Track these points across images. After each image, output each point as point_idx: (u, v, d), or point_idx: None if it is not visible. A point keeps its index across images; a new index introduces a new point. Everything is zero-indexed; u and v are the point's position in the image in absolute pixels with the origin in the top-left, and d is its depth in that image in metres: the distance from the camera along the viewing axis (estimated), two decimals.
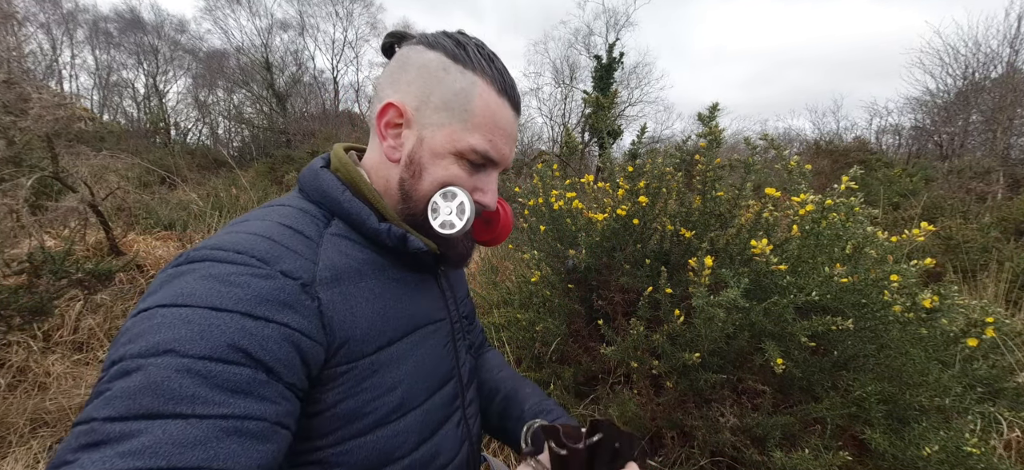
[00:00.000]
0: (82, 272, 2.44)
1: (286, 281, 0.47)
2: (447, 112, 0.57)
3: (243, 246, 0.47)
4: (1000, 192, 6.59)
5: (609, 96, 13.56)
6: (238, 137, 19.70)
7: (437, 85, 0.57)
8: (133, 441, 0.35)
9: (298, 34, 19.81)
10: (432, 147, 0.58)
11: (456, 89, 0.57)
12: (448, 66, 0.57)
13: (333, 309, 0.50)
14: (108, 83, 18.20)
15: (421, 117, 0.58)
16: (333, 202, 0.58)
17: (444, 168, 0.58)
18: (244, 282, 0.44)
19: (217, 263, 0.45)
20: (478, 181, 0.61)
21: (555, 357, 2.06)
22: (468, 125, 0.57)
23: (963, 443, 1.12)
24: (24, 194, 2.80)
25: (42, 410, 2.00)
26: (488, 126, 0.58)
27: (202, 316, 0.41)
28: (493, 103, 0.58)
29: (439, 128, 0.58)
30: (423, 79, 0.58)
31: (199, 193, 5.69)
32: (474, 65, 0.58)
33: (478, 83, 0.57)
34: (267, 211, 0.57)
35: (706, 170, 1.66)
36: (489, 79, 0.58)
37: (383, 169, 0.61)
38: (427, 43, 0.59)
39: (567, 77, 19.06)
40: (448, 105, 0.57)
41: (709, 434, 1.50)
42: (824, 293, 1.30)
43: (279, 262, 0.48)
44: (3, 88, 2.93)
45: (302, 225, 0.55)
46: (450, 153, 0.58)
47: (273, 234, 0.51)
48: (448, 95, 0.57)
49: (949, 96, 11.86)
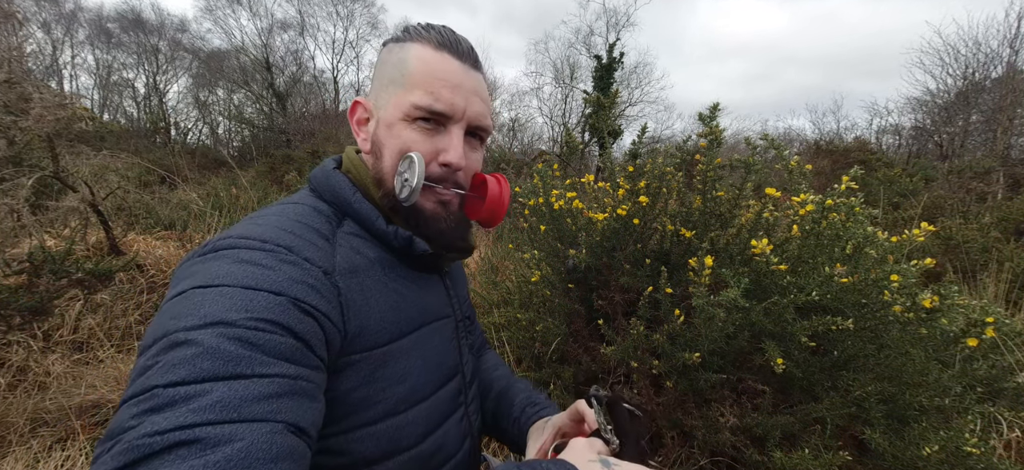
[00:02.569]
0: (82, 272, 2.44)
1: (311, 267, 0.49)
2: (391, 86, 0.60)
3: (268, 235, 0.50)
4: (1000, 192, 6.58)
5: (609, 96, 13.56)
6: (238, 137, 19.71)
7: (383, 68, 0.62)
8: (202, 399, 0.36)
9: (298, 34, 19.84)
10: (386, 122, 0.61)
11: (395, 61, 0.60)
12: (392, 48, 0.62)
13: (350, 298, 0.53)
14: (108, 83, 18.21)
15: (377, 103, 0.62)
16: (344, 203, 0.61)
17: (396, 136, 0.60)
18: (273, 265, 0.47)
19: (246, 249, 0.48)
20: (438, 142, 0.60)
21: (555, 357, 2.05)
22: (407, 86, 0.59)
23: (963, 443, 1.12)
24: (25, 194, 2.80)
25: (42, 410, 2.00)
26: (426, 80, 0.58)
27: (240, 294, 0.43)
28: (429, 57, 0.59)
29: (387, 104, 0.61)
30: (377, 71, 0.64)
31: (199, 193, 5.68)
32: (412, 35, 0.61)
33: (412, 47, 0.60)
34: (283, 208, 0.58)
35: (706, 170, 1.66)
36: (424, 40, 0.60)
37: (367, 165, 0.65)
38: (384, 44, 0.64)
39: (567, 77, 19.06)
40: (391, 79, 0.60)
41: (709, 434, 1.50)
42: (824, 293, 1.30)
43: (302, 250, 0.50)
44: (4, 88, 2.93)
45: (317, 223, 0.57)
46: (398, 120, 0.60)
47: (293, 229, 0.53)
48: (390, 70, 0.61)
49: (949, 96, 11.86)
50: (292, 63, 19.57)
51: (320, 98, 20.17)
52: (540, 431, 0.73)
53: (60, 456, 1.80)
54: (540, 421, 0.75)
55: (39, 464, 1.77)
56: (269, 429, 0.38)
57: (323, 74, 21.02)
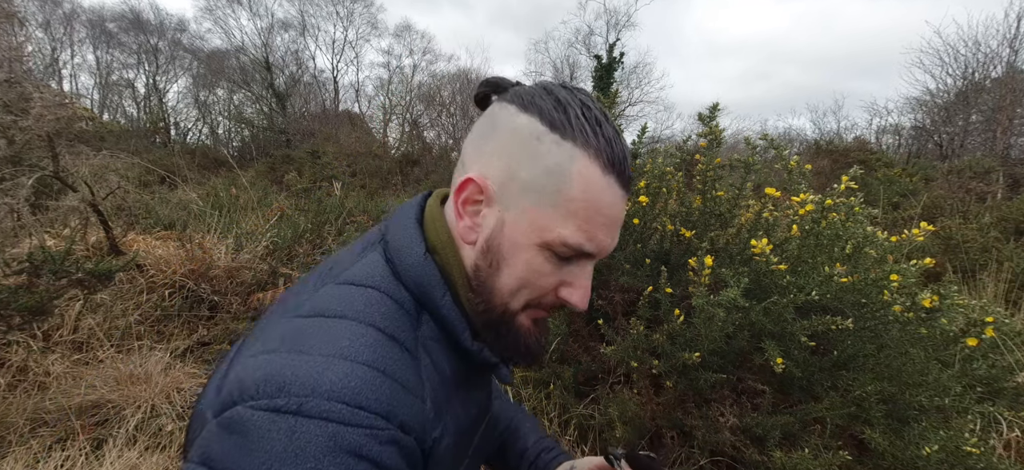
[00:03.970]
0: (82, 272, 2.44)
1: (406, 439, 0.43)
2: (536, 193, 0.47)
3: (361, 393, 0.40)
4: (1000, 192, 6.59)
5: (609, 96, 13.54)
6: (238, 137, 19.71)
7: (527, 158, 0.47)
8: None
9: (299, 34, 19.84)
10: (513, 236, 0.48)
11: (549, 165, 0.46)
12: (542, 135, 0.46)
13: (435, 449, 0.47)
14: (108, 83, 18.22)
15: (505, 195, 0.48)
16: (430, 303, 0.50)
17: (525, 262, 0.48)
18: (374, 453, 0.40)
19: (342, 428, 0.39)
20: (566, 275, 0.50)
21: (555, 357, 2.06)
22: (560, 211, 0.47)
23: (963, 443, 1.12)
24: (25, 193, 2.80)
25: (42, 410, 2.00)
26: (585, 212, 0.47)
27: None
28: (595, 183, 0.46)
29: (524, 212, 0.48)
30: (511, 149, 0.48)
31: (199, 193, 5.69)
32: (574, 133, 0.46)
33: (577, 157, 0.46)
34: (357, 301, 0.47)
35: (706, 170, 1.66)
36: (593, 151, 0.46)
37: (459, 248, 0.53)
38: (521, 103, 0.48)
39: (567, 77, 19.06)
40: (537, 185, 0.47)
41: (709, 434, 1.50)
42: (824, 293, 1.30)
43: (398, 412, 0.42)
44: (4, 88, 2.93)
45: (398, 329, 0.47)
46: (535, 244, 0.48)
47: (382, 360, 0.44)
48: (538, 172, 0.46)
49: (949, 96, 11.88)
50: (292, 63, 19.60)
51: (320, 98, 20.19)
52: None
53: (60, 456, 1.80)
54: (564, 466, 0.75)
55: (39, 464, 1.77)
56: None
57: (323, 74, 21.04)
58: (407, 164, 13.45)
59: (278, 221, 4.29)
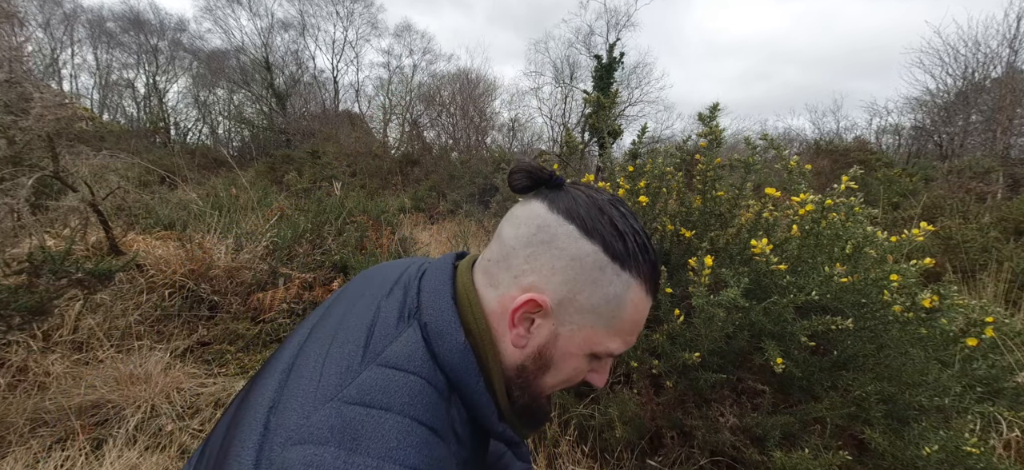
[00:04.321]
0: (82, 272, 2.44)
1: None
2: (593, 315, 0.52)
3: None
4: (1000, 192, 6.59)
5: (609, 96, 13.56)
6: (238, 137, 19.73)
7: (590, 286, 0.51)
8: None
9: (299, 34, 19.85)
10: (567, 348, 0.53)
11: (609, 295, 0.51)
12: (605, 266, 0.51)
13: None
14: (108, 83, 18.22)
15: (562, 313, 0.52)
16: (463, 387, 0.52)
17: (573, 367, 0.55)
18: None
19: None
20: (595, 364, 0.57)
21: None
22: (612, 330, 0.53)
23: (963, 443, 1.12)
24: (25, 194, 2.80)
25: (42, 410, 2.00)
26: (630, 329, 0.54)
27: None
28: (641, 306, 0.53)
29: (580, 329, 0.53)
30: (573, 274, 0.51)
31: (199, 193, 5.69)
32: (631, 263, 0.51)
33: (632, 287, 0.52)
34: (402, 391, 0.48)
35: (706, 170, 1.66)
36: (643, 279, 0.53)
37: (499, 339, 0.55)
38: (583, 227, 0.51)
39: (567, 77, 19.07)
40: (596, 310, 0.52)
41: (709, 434, 1.50)
42: (824, 293, 1.30)
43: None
44: (4, 88, 2.93)
45: (437, 419, 0.50)
46: (585, 354, 0.54)
47: (426, 462, 0.46)
48: (598, 300, 0.51)
49: (949, 96, 11.88)
50: (292, 63, 19.60)
51: (320, 98, 20.18)
52: None
53: (60, 456, 1.80)
54: None
55: (39, 464, 1.77)
56: None
57: (323, 74, 21.06)
58: (407, 164, 13.45)
59: (278, 221, 4.29)
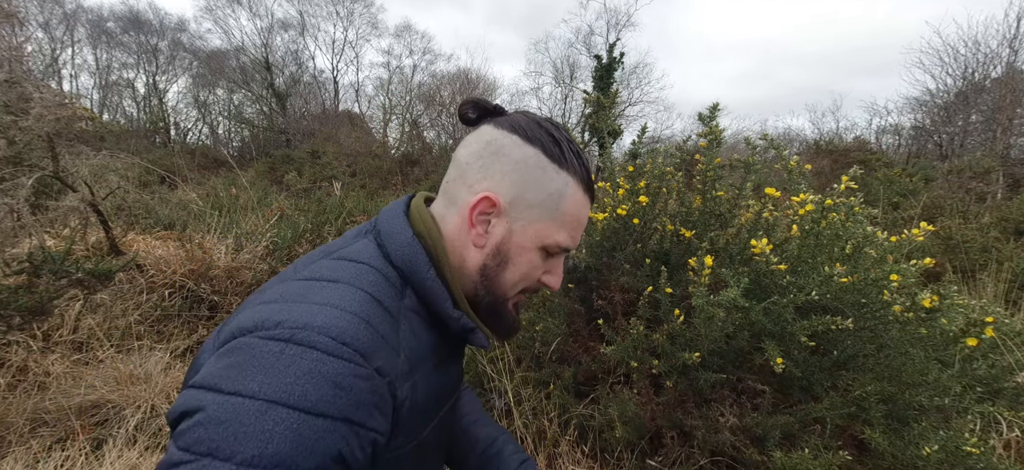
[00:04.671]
0: (82, 272, 2.44)
1: (380, 381, 0.48)
2: (540, 209, 0.60)
3: (346, 333, 0.46)
4: (1000, 192, 6.59)
5: (609, 96, 13.56)
6: (238, 137, 19.72)
7: (534, 184, 0.59)
8: None
9: (298, 34, 19.84)
10: (520, 241, 0.61)
11: (551, 190, 0.59)
12: (545, 166, 0.59)
13: (403, 404, 0.51)
14: (108, 83, 18.22)
15: (513, 210, 0.60)
16: (416, 277, 0.58)
17: (528, 261, 0.62)
18: (350, 384, 0.45)
19: (325, 357, 0.44)
20: (549, 265, 0.65)
21: (555, 357, 2.06)
22: (556, 222, 0.60)
23: (962, 443, 1.12)
24: (25, 194, 2.80)
25: (42, 410, 2.00)
26: (573, 223, 0.62)
27: (311, 427, 0.41)
28: (581, 202, 0.61)
29: (530, 224, 0.60)
30: (520, 175, 0.59)
31: (199, 193, 5.69)
32: (568, 165, 0.60)
33: (570, 183, 0.60)
34: (350, 271, 0.54)
35: (706, 170, 1.66)
36: (579, 178, 0.61)
37: (464, 249, 0.61)
38: (525, 136, 0.59)
39: (567, 77, 19.08)
40: (541, 203, 0.60)
41: (709, 434, 1.50)
42: (824, 293, 1.30)
43: (376, 357, 0.48)
44: (4, 88, 2.93)
45: (385, 296, 0.54)
46: (536, 247, 0.61)
47: (367, 313, 0.50)
48: (543, 195, 0.59)
49: (949, 96, 11.87)
50: (292, 63, 19.59)
51: (320, 98, 20.17)
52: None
53: (60, 456, 1.80)
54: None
55: (39, 464, 1.77)
56: None
57: (323, 74, 21.05)
58: (407, 164, 13.44)
59: (278, 221, 4.29)
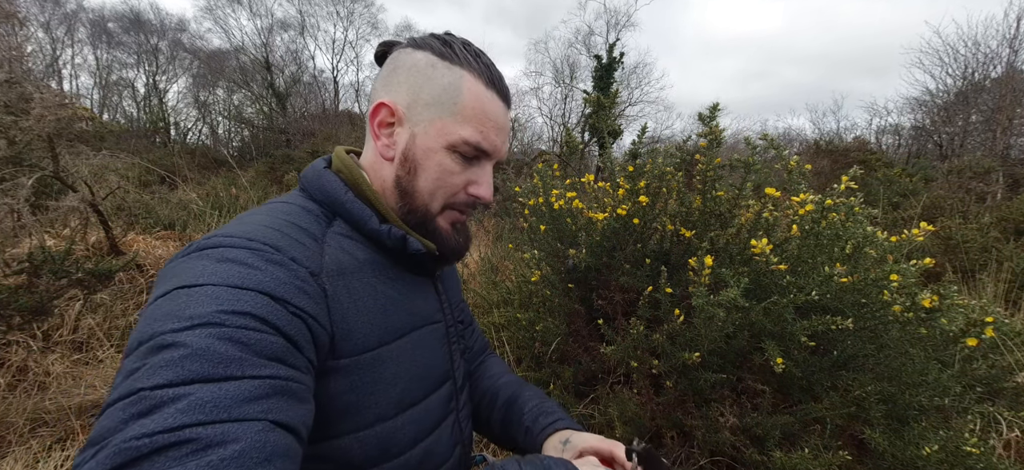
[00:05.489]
0: (82, 272, 2.44)
1: (297, 267, 0.49)
2: (437, 107, 0.58)
3: (254, 234, 0.49)
4: (1000, 192, 6.58)
5: (609, 96, 13.56)
6: (238, 137, 19.70)
7: (426, 82, 0.59)
8: (191, 398, 0.36)
9: (298, 34, 19.83)
10: (425, 143, 0.59)
11: (444, 84, 0.58)
12: (435, 63, 0.59)
13: (338, 300, 0.52)
14: (108, 83, 18.21)
15: (412, 114, 0.59)
16: (335, 202, 0.59)
17: (437, 164, 0.60)
18: (260, 265, 0.46)
19: (231, 248, 0.47)
20: (472, 174, 0.62)
21: (555, 357, 2.05)
22: (458, 117, 0.58)
23: (962, 443, 1.12)
24: (25, 194, 2.80)
25: (41, 410, 2.00)
26: (478, 117, 0.59)
27: (227, 293, 0.42)
28: (482, 94, 0.59)
29: (430, 123, 0.59)
30: (412, 78, 0.59)
31: (199, 193, 5.69)
32: (460, 60, 0.59)
33: (465, 76, 0.59)
34: (271, 208, 0.57)
35: (706, 170, 1.66)
36: (476, 72, 0.59)
37: (379, 168, 0.62)
38: (415, 44, 0.61)
39: (567, 77, 19.06)
40: (437, 100, 0.58)
41: (709, 434, 1.50)
42: (824, 293, 1.30)
43: (289, 250, 0.49)
44: (4, 88, 2.93)
45: (306, 223, 0.56)
46: (442, 147, 0.59)
47: (281, 227, 0.52)
48: (437, 90, 0.58)
49: (949, 96, 11.87)
50: (292, 63, 19.57)
51: (320, 98, 20.17)
52: (558, 448, 0.69)
53: (60, 456, 1.80)
54: (558, 435, 0.72)
55: (38, 464, 1.77)
56: (262, 428, 0.37)
57: (323, 74, 21.04)
58: None
59: None
